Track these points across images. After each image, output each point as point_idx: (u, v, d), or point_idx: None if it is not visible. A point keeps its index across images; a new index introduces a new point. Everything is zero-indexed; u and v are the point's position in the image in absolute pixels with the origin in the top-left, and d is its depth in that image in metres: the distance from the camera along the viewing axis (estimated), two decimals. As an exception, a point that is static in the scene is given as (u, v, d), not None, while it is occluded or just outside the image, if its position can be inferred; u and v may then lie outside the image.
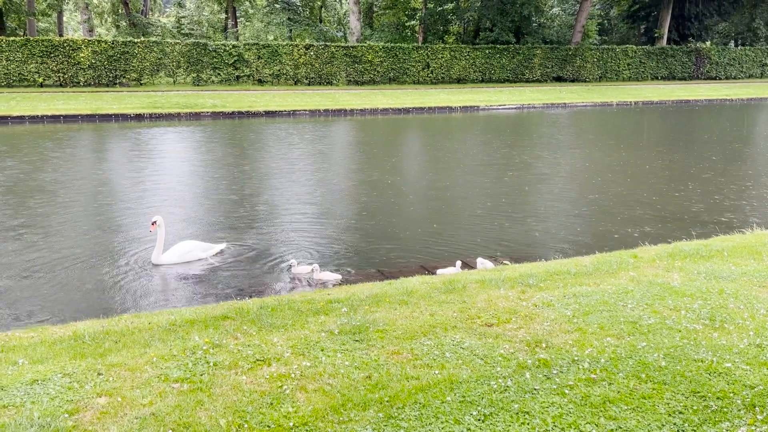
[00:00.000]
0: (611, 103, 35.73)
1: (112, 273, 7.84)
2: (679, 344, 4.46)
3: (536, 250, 8.92)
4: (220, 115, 27.63)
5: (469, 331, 4.76)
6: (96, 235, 9.64)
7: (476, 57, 41.32)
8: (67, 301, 7.07)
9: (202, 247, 8.43)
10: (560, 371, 4.08)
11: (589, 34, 48.24)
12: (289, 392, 3.85)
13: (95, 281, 7.61)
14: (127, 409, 3.67)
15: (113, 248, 8.90)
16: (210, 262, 8.31)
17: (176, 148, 20.44)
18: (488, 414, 3.60)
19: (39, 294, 7.19)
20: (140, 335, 4.78)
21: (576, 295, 5.52)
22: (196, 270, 8.06)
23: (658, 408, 3.66)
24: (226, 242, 8.92)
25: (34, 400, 3.76)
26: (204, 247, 8.44)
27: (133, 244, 9.03)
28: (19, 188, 13.03)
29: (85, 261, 8.30)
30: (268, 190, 13.34)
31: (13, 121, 24.61)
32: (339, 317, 5.05)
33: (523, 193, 12.94)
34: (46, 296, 7.15)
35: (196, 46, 35.05)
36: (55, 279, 7.65)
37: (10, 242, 9.17)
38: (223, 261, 8.39)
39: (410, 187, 14.01)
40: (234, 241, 9.22)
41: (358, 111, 29.80)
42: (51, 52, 31.97)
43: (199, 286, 7.58)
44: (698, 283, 5.80)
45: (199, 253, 8.33)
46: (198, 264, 8.21)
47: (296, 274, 7.76)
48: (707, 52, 48.21)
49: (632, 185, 13.45)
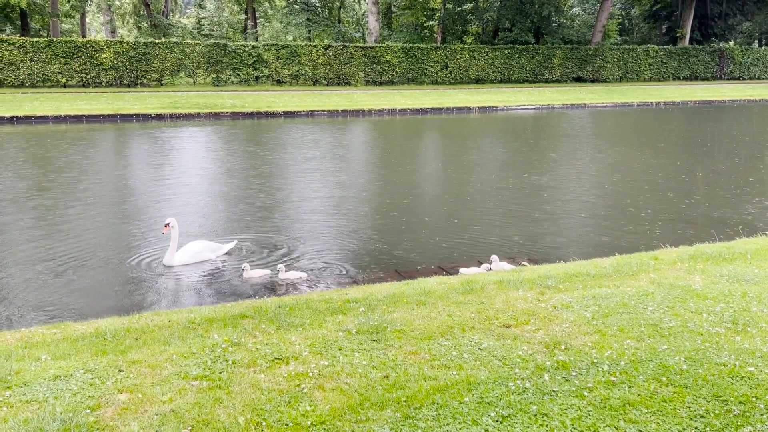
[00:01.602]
0: (632, 103, 35.36)
1: (131, 272, 7.92)
2: (701, 347, 4.40)
3: (555, 251, 8.85)
4: (239, 115, 27.83)
5: (487, 332, 4.74)
6: (116, 234, 9.75)
7: (495, 57, 41.14)
8: (90, 297, 7.17)
9: (212, 247, 8.43)
10: (579, 373, 4.05)
11: (610, 34, 47.80)
12: (307, 391, 3.87)
13: (116, 279, 7.70)
14: (147, 405, 3.71)
15: (133, 246, 9.00)
16: (224, 259, 8.37)
17: (196, 148, 20.62)
18: (506, 415, 3.59)
19: (60, 291, 7.30)
20: (160, 333, 4.84)
21: (595, 296, 5.48)
22: (211, 268, 8.11)
23: (680, 412, 3.62)
24: (236, 240, 8.95)
25: (57, 396, 3.82)
26: (213, 247, 8.44)
27: (153, 243, 9.12)
28: (40, 187, 13.23)
29: (105, 259, 8.40)
30: (286, 188, 13.39)
31: (37, 120, 25.00)
32: (356, 317, 5.06)
33: (542, 193, 12.85)
34: (66, 293, 7.25)
35: (215, 46, 35.34)
36: (77, 276, 7.75)
37: (31, 241, 9.31)
38: (238, 260, 8.42)
39: (428, 188, 13.99)
40: (251, 240, 9.28)
41: (376, 111, 29.83)
42: (74, 53, 32.43)
43: (216, 285, 7.63)
44: (721, 285, 5.72)
45: (209, 254, 8.33)
46: (209, 264, 8.24)
47: (248, 279, 7.54)
48: (730, 52, 47.53)
49: (653, 187, 13.30)
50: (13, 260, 8.36)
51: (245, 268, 7.65)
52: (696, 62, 46.66)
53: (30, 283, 7.54)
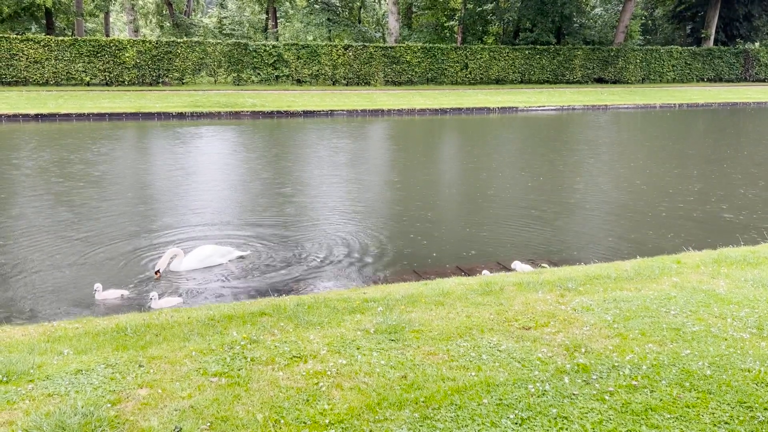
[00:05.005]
0: (654, 105, 34.94)
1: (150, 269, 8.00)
2: (725, 353, 4.32)
3: (575, 253, 8.77)
4: (260, 114, 27.99)
5: (506, 334, 4.70)
6: (137, 230, 9.85)
7: (515, 58, 40.89)
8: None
9: (221, 251, 8.15)
10: (600, 377, 4.00)
11: (633, 35, 47.21)
12: (325, 389, 3.87)
13: (139, 274, 7.78)
14: (167, 400, 3.74)
15: (154, 245, 9.08)
16: (241, 259, 8.31)
17: (217, 147, 20.76)
18: (525, 418, 3.55)
19: (81, 286, 7.39)
20: (180, 329, 4.87)
21: (616, 300, 5.41)
22: (231, 267, 8.12)
23: (703, 418, 3.56)
24: (249, 250, 8.66)
25: (78, 390, 3.86)
26: (222, 252, 8.16)
27: (171, 241, 9.19)
28: (66, 184, 13.41)
29: (126, 256, 8.49)
30: (305, 187, 13.43)
31: (61, 118, 25.36)
32: (375, 316, 5.05)
33: (562, 194, 12.74)
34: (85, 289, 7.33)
35: (236, 46, 35.57)
36: (97, 271, 7.85)
37: (54, 238, 9.44)
38: (256, 261, 8.44)
39: (446, 188, 13.94)
40: (270, 238, 9.31)
41: (396, 111, 29.81)
42: (98, 52, 32.85)
43: (235, 282, 7.67)
44: (745, 290, 5.62)
45: (219, 259, 8.07)
46: (219, 267, 8.05)
47: (102, 300, 6.88)
48: (756, 54, 46.73)
49: (675, 190, 13.12)
50: (34, 252, 8.49)
51: (98, 288, 6.92)
52: (721, 64, 45.94)
53: (52, 277, 7.65)
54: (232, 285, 7.57)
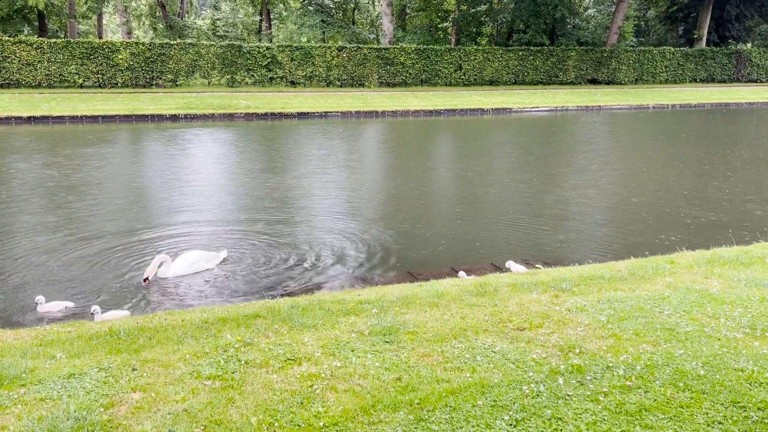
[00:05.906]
0: (647, 105, 35.07)
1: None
2: (719, 353, 4.34)
3: (569, 254, 8.79)
4: (254, 116, 27.93)
5: (500, 335, 4.70)
6: (129, 233, 9.81)
7: (509, 59, 40.98)
8: (104, 296, 7.21)
9: (207, 256, 8.14)
10: (594, 377, 4.01)
11: (626, 36, 47.40)
12: (319, 392, 3.86)
13: (129, 278, 7.75)
14: (160, 404, 3.72)
15: (146, 248, 9.05)
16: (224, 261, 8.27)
17: (210, 149, 20.71)
18: (520, 419, 3.55)
19: (73, 289, 7.35)
20: (173, 332, 4.85)
21: (610, 300, 5.42)
22: (223, 271, 8.11)
23: (697, 418, 3.57)
24: (226, 249, 8.63)
25: (71, 394, 3.84)
26: (209, 257, 8.15)
27: (165, 243, 9.16)
28: (58, 186, 13.35)
29: (116, 258, 8.45)
30: (299, 189, 13.41)
31: (54, 120, 25.25)
32: (369, 318, 5.04)
33: (556, 196, 12.77)
34: (80, 291, 7.30)
35: (230, 47, 35.53)
36: (91, 273, 7.81)
37: (47, 240, 9.39)
38: (249, 263, 8.42)
39: (441, 189, 13.95)
40: (267, 241, 9.30)
41: (390, 113, 29.81)
42: (91, 54, 32.73)
43: (229, 285, 7.64)
44: (738, 290, 5.64)
45: (205, 264, 8.05)
46: (207, 272, 8.01)
47: (45, 313, 6.62)
48: (748, 54, 46.99)
49: (669, 190, 13.17)
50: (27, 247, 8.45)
51: (40, 301, 6.69)
52: (713, 64, 46.17)
53: (49, 278, 7.61)
54: (225, 288, 7.55)
